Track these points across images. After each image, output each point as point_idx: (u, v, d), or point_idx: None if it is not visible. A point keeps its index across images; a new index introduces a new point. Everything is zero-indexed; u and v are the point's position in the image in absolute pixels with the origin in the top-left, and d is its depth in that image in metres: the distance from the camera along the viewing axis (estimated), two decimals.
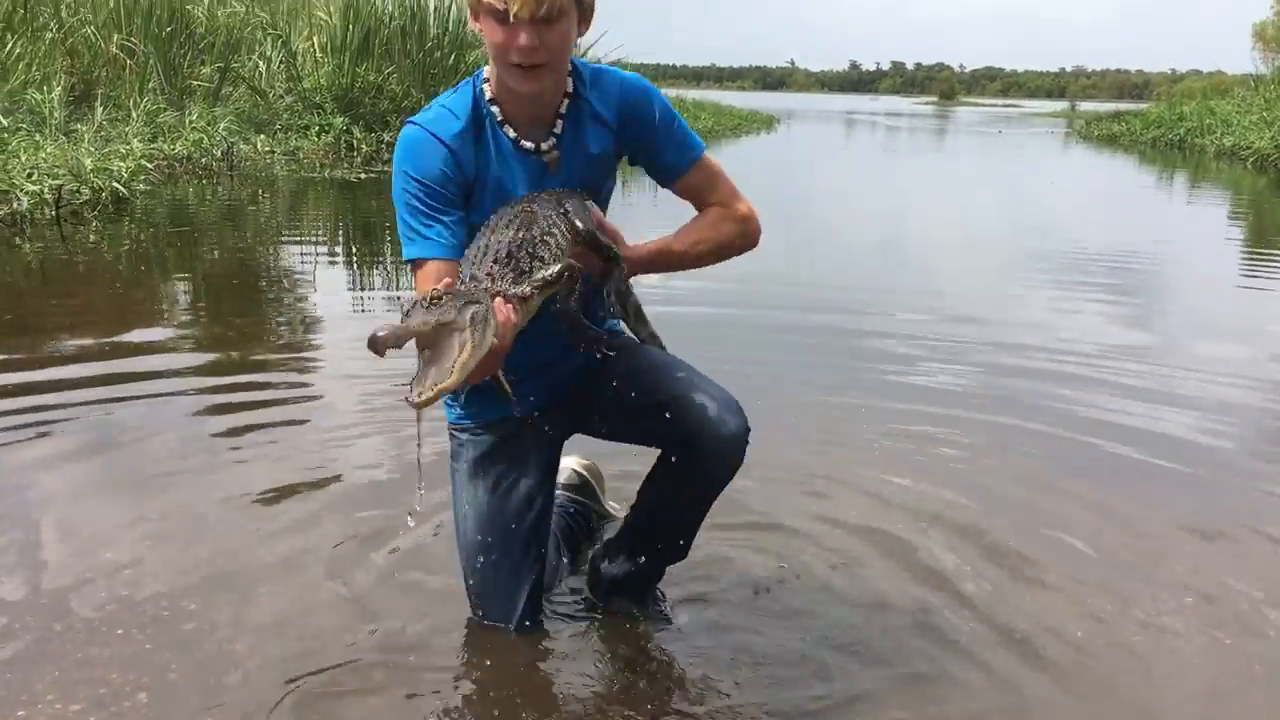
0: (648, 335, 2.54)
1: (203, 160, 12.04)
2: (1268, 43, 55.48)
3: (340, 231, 9.17)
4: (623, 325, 2.55)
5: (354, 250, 8.32)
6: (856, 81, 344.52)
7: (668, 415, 2.29)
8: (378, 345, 1.75)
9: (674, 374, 2.36)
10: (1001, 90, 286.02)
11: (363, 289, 6.81)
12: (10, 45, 12.35)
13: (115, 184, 8.74)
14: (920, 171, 20.94)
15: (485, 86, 2.30)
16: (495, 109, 2.29)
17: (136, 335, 5.29)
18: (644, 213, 9.61)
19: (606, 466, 3.16)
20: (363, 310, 6.15)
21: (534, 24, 2.08)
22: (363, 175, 12.58)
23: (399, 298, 6.63)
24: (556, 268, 2.13)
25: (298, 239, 8.54)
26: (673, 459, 2.37)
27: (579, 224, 2.20)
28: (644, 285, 2.62)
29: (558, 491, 2.76)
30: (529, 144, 2.29)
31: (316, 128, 15.06)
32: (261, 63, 16.38)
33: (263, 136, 14.08)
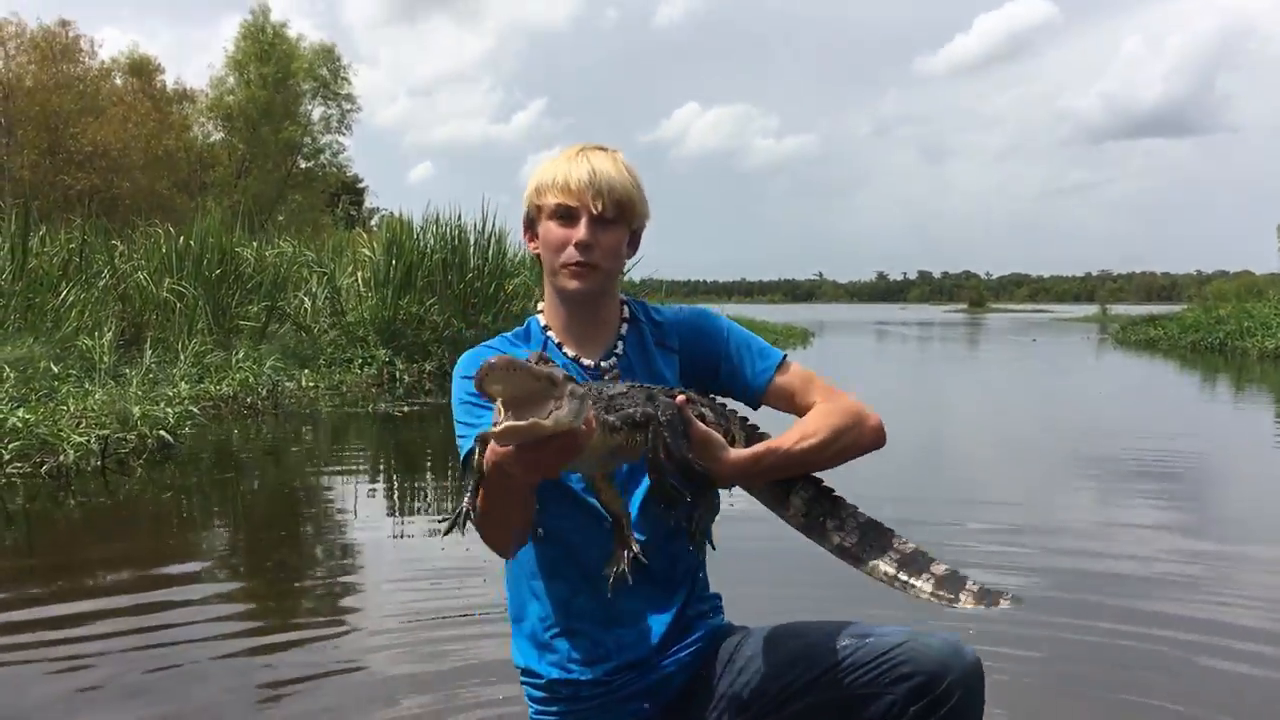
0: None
1: (247, 399, 12.13)
2: None
3: (381, 471, 9.09)
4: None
5: (395, 490, 8.21)
6: (885, 291, 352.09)
7: (893, 667, 1.96)
8: (489, 368, 1.62)
9: (842, 624, 2.11)
10: (1029, 295, 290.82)
11: (403, 535, 6.57)
12: (65, 293, 12.78)
13: (161, 431, 8.75)
14: (963, 382, 20.82)
15: (539, 316, 2.34)
16: (550, 333, 2.30)
17: (175, 591, 5.16)
18: None
19: None
20: (403, 539, 6.13)
21: (593, 223, 2.16)
22: (405, 409, 12.57)
23: (440, 530, 6.49)
24: (644, 410, 1.94)
25: (339, 480, 8.42)
26: None
27: (669, 441, 1.94)
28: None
29: None
30: (589, 361, 2.25)
31: (360, 360, 15.30)
32: (307, 299, 16.86)
33: (307, 371, 14.29)
